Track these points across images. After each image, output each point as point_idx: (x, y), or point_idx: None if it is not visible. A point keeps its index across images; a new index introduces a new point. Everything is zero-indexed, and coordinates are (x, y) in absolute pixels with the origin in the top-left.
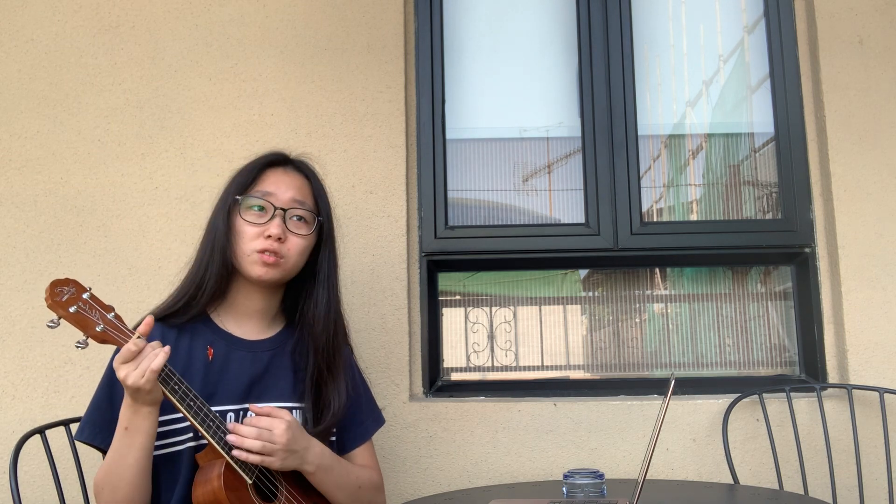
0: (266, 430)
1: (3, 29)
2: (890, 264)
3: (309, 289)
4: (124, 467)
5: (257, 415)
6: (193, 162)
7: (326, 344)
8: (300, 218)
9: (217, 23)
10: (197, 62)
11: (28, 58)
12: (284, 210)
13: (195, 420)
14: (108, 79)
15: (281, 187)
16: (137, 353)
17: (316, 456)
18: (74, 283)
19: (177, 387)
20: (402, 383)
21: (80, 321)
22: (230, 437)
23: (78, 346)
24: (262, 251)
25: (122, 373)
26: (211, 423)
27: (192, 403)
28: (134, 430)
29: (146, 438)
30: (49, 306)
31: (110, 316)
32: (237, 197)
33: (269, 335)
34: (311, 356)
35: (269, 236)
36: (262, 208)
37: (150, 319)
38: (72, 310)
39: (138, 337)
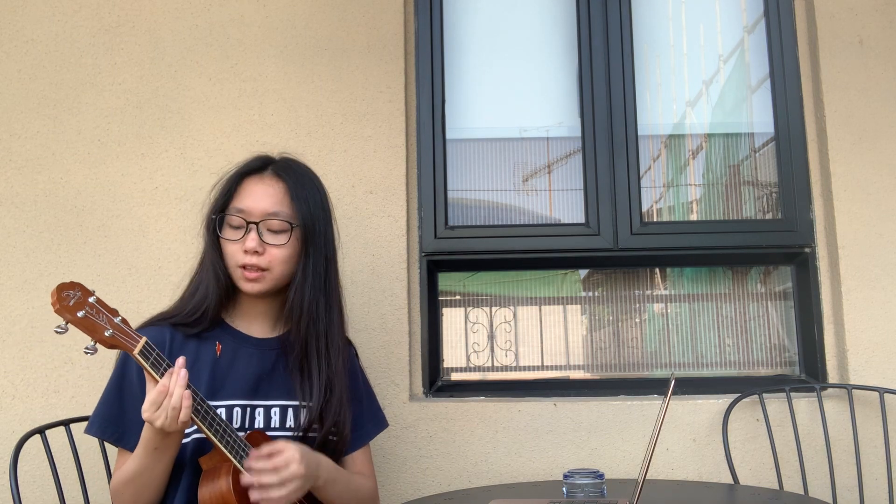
0: (284, 469)
1: (3, 29)
2: (890, 264)
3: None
4: (152, 478)
5: (266, 455)
6: (193, 162)
7: (300, 342)
8: (277, 231)
9: (217, 23)
10: (197, 62)
11: (28, 58)
12: (257, 223)
13: (209, 430)
14: (108, 79)
15: (256, 199)
16: (165, 394)
17: (325, 470)
18: (80, 286)
19: (195, 404)
20: (402, 383)
21: (88, 326)
22: (254, 495)
23: (87, 353)
24: (243, 266)
25: (149, 416)
26: (218, 428)
27: (205, 416)
28: (164, 449)
29: (175, 451)
30: (57, 311)
31: (117, 320)
32: (213, 216)
33: (276, 334)
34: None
35: (247, 251)
36: (237, 225)
37: (181, 361)
38: (80, 314)
39: (163, 371)
